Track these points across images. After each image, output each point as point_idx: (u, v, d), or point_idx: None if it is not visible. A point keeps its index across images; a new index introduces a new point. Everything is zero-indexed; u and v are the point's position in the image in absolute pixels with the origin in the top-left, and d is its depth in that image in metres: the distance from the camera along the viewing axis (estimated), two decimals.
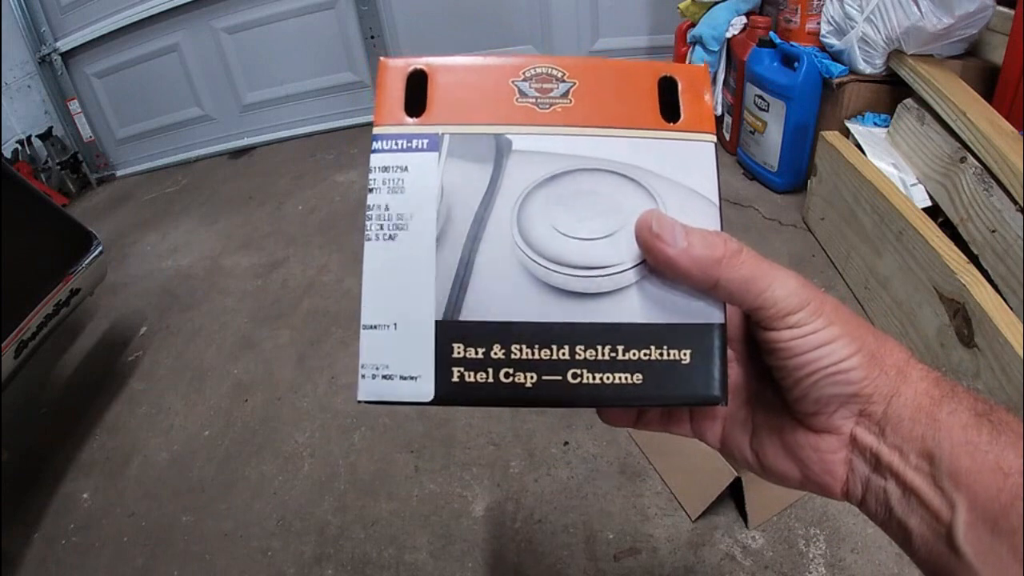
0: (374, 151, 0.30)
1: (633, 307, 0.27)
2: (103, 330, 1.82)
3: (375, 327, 0.28)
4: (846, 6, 1.61)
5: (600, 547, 1.05)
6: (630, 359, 0.27)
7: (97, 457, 1.40)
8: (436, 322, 0.27)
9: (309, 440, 1.35)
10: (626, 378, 0.27)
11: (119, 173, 3.01)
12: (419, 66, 0.30)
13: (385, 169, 0.29)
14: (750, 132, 1.95)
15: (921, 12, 1.44)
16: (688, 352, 0.27)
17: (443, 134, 0.29)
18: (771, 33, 1.86)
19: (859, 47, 1.60)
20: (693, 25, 2.13)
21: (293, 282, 1.88)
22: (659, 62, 0.31)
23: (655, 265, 0.26)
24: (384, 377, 0.27)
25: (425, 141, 0.29)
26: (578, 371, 0.27)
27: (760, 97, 1.84)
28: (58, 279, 1.38)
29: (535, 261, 0.27)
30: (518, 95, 0.29)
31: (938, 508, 0.22)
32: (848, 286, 1.52)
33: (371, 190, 0.29)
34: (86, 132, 2.89)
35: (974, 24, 1.46)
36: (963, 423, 0.23)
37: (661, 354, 0.27)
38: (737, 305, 0.26)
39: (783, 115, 1.77)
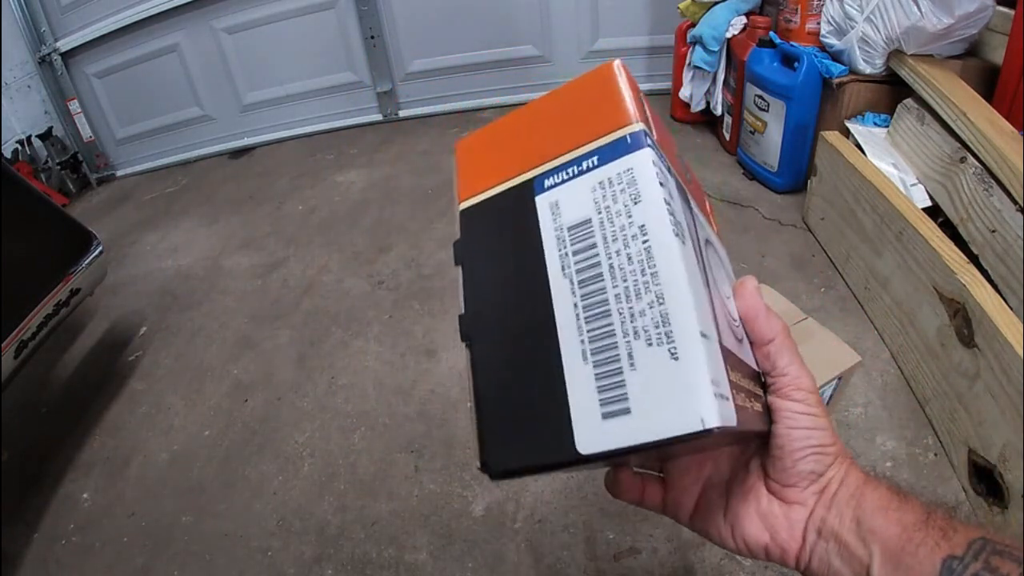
0: (598, 167, 0.29)
1: None
2: (103, 330, 1.83)
3: (706, 337, 0.25)
4: (846, 6, 1.61)
5: (600, 547, 1.05)
6: None
7: (97, 457, 1.40)
8: (720, 343, 0.26)
9: (309, 440, 1.35)
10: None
11: (119, 173, 3.01)
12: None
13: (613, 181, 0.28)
14: (750, 132, 1.95)
15: (921, 12, 1.44)
16: None
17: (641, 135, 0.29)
18: (771, 33, 1.86)
19: (859, 47, 1.60)
20: (693, 25, 2.13)
21: (293, 282, 1.88)
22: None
23: (750, 327, 0.33)
24: (722, 397, 0.24)
25: (629, 141, 0.29)
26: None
27: (760, 97, 1.84)
28: (58, 279, 1.38)
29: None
30: None
31: (861, 556, 0.30)
32: (848, 286, 1.52)
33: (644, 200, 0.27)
34: (86, 132, 2.89)
35: (974, 24, 1.46)
36: (880, 496, 0.31)
37: None
38: (770, 365, 0.33)
39: (783, 115, 1.77)
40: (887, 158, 1.52)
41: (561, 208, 0.29)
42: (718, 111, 2.19)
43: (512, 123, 0.34)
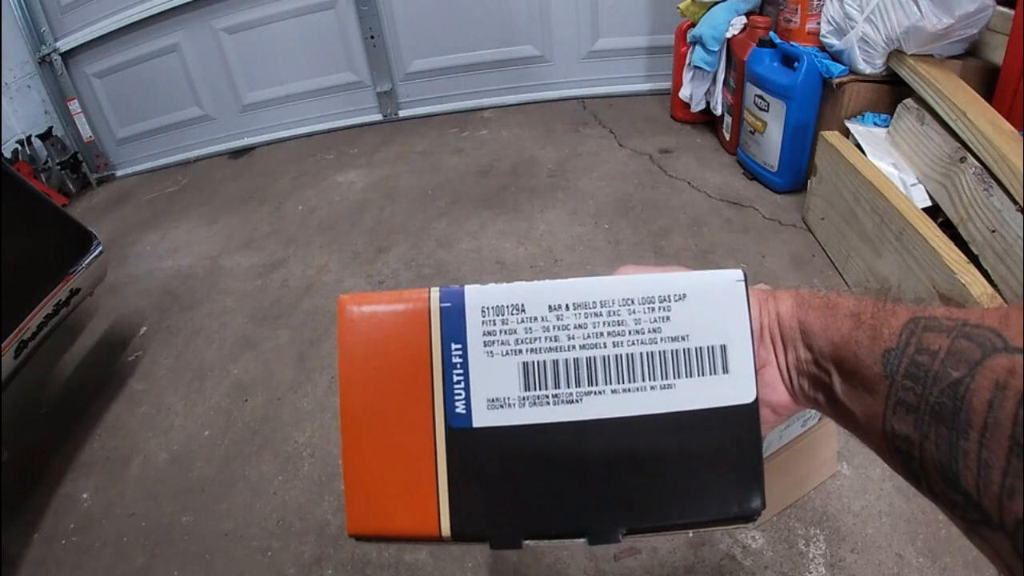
0: (465, 352, 0.29)
1: None
2: (103, 330, 1.82)
3: None
4: (846, 6, 1.61)
5: (600, 547, 1.05)
6: None
7: (97, 457, 1.40)
8: None
9: (309, 440, 1.35)
10: None
11: (119, 173, 3.01)
12: None
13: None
14: (750, 132, 1.95)
15: (921, 12, 1.44)
16: None
17: None
18: (771, 33, 1.86)
19: (859, 47, 1.60)
20: (693, 25, 2.13)
21: (293, 282, 1.88)
22: None
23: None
24: None
25: None
26: None
27: (760, 97, 1.84)
28: (58, 279, 1.38)
29: None
30: None
31: (825, 380, 0.32)
32: (848, 286, 1.52)
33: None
34: (86, 132, 2.89)
35: (974, 24, 1.46)
36: (814, 319, 0.32)
37: None
38: None
39: (783, 115, 1.77)
40: (887, 158, 1.52)
41: (497, 398, 0.28)
42: (718, 111, 2.19)
43: (362, 455, 0.29)
